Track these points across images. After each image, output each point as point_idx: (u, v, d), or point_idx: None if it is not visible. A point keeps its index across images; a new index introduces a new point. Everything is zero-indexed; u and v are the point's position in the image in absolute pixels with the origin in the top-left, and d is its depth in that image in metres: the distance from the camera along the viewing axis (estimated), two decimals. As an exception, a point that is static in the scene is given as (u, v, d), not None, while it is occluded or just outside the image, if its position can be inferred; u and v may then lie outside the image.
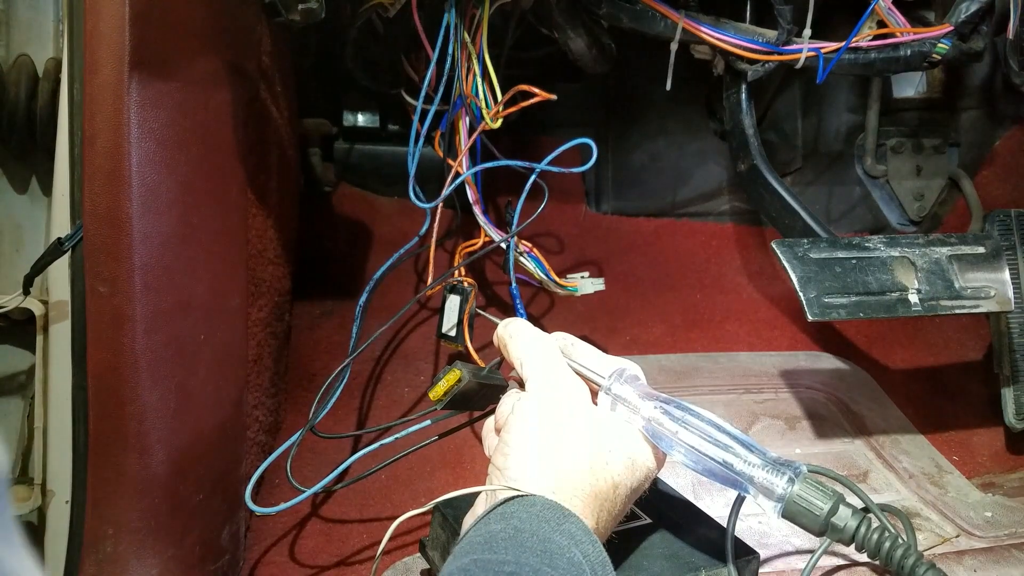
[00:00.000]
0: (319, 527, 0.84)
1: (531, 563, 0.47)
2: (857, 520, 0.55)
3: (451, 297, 0.92)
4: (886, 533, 0.54)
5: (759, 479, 0.56)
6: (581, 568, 0.49)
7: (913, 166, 1.27)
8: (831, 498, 0.55)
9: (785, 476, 0.55)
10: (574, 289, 0.94)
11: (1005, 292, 0.92)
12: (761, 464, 0.56)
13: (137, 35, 0.64)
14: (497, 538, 0.49)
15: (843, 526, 0.54)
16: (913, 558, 0.54)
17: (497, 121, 0.88)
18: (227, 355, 0.78)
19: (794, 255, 0.88)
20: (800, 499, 0.54)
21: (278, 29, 0.92)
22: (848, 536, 0.54)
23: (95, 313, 0.65)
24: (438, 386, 0.63)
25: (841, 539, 0.54)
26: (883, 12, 0.94)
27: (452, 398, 0.63)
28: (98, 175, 0.64)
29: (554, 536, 0.50)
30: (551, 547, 0.49)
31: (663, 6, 0.93)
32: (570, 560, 0.49)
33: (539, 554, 0.48)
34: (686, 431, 0.58)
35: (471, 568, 0.47)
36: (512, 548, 0.48)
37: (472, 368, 0.64)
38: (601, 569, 0.51)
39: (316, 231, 1.19)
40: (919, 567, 0.54)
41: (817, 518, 0.54)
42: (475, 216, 0.94)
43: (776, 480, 0.55)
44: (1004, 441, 1.06)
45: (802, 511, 0.54)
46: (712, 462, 0.57)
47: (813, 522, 0.54)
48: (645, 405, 0.60)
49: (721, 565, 0.65)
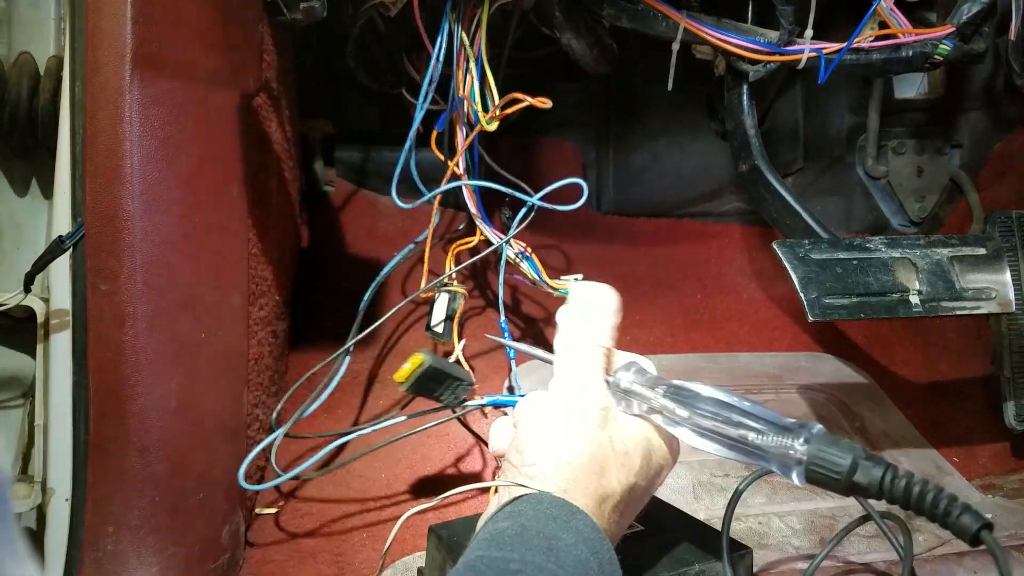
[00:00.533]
0: (319, 525, 0.84)
1: (536, 561, 0.47)
2: (881, 470, 0.50)
3: (441, 294, 0.93)
4: (915, 478, 0.50)
5: (774, 448, 0.53)
6: (588, 565, 0.49)
7: (914, 167, 1.27)
8: (851, 452, 0.51)
9: (800, 439, 0.52)
10: (565, 291, 0.94)
11: (1006, 293, 0.92)
12: (774, 432, 0.53)
13: (139, 33, 0.64)
14: (504, 536, 0.49)
15: (867, 482, 0.50)
16: (946, 501, 0.49)
17: (492, 124, 0.88)
18: (228, 354, 0.78)
19: (795, 256, 0.88)
20: (818, 460, 0.51)
21: (279, 28, 0.92)
22: (875, 489, 0.50)
23: (96, 311, 0.65)
24: (403, 369, 0.66)
25: (868, 494, 0.51)
26: (885, 13, 0.94)
27: (416, 381, 0.66)
28: (99, 173, 0.64)
29: (561, 534, 0.49)
30: (557, 544, 0.48)
31: (665, 6, 0.93)
32: (576, 558, 0.48)
33: (545, 551, 0.48)
34: (696, 414, 0.56)
35: (477, 565, 0.47)
36: (518, 546, 0.48)
37: (437, 357, 0.66)
38: (609, 566, 0.50)
39: (317, 230, 1.19)
40: (953, 509, 0.49)
41: (839, 477, 0.51)
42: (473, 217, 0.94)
43: (792, 445, 0.52)
44: (1004, 443, 1.06)
45: (823, 473, 0.51)
46: (727, 440, 0.55)
47: (836, 482, 0.51)
48: (653, 394, 0.59)
49: (714, 560, 0.65)
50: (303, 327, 1.06)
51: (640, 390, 0.59)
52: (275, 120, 0.94)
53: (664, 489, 0.92)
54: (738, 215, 1.36)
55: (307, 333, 1.06)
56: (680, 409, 0.57)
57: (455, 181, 0.92)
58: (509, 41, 0.99)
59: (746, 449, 0.54)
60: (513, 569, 0.46)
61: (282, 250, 0.99)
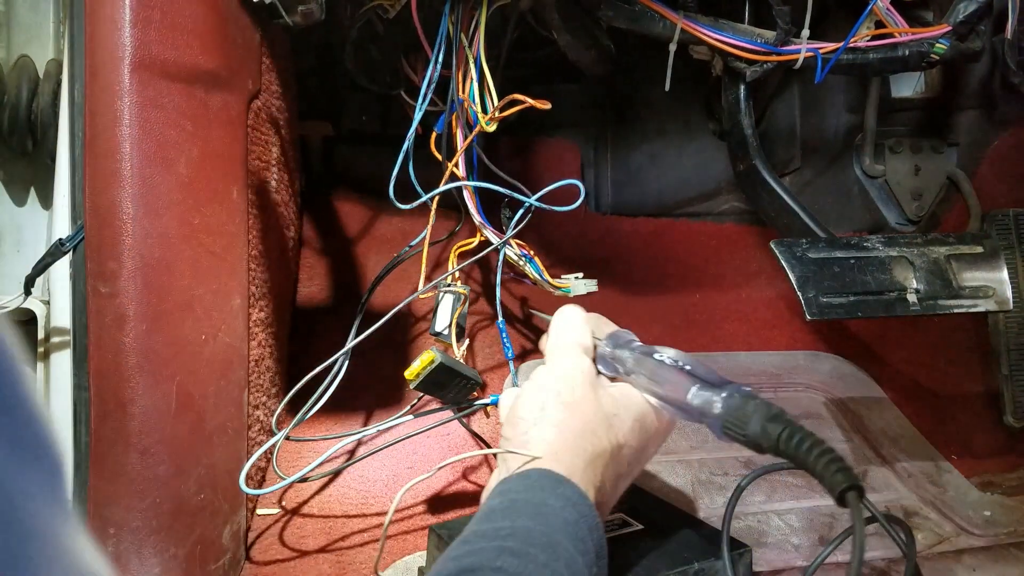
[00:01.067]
0: (320, 526, 0.84)
1: (525, 525, 0.49)
2: (779, 428, 0.52)
3: (445, 297, 0.93)
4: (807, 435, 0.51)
5: (702, 403, 0.56)
6: (577, 526, 0.51)
7: (911, 166, 1.27)
8: (758, 411, 0.53)
9: (722, 395, 0.55)
10: (567, 290, 0.94)
11: (1003, 291, 0.92)
12: (699, 390, 0.57)
13: (137, 37, 0.64)
14: (495, 511, 0.52)
15: (767, 442, 0.52)
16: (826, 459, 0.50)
17: (492, 125, 0.88)
18: (228, 355, 0.79)
19: (793, 255, 0.89)
20: (731, 418, 0.54)
21: (278, 30, 0.92)
22: (772, 446, 0.52)
23: (96, 313, 0.65)
24: (413, 367, 0.67)
25: (769, 451, 0.52)
26: (881, 12, 0.95)
27: (425, 379, 0.67)
28: (99, 176, 0.65)
29: (549, 500, 0.52)
30: (545, 510, 0.51)
31: (661, 7, 0.94)
32: (564, 519, 0.51)
33: (533, 516, 0.50)
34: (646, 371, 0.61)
35: (469, 538, 0.49)
36: (508, 516, 0.50)
37: (448, 356, 0.68)
38: (596, 531, 0.53)
39: (317, 232, 1.20)
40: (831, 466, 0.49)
41: (745, 434, 0.53)
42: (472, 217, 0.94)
43: (714, 401, 0.55)
44: (1003, 440, 1.07)
45: (734, 431, 0.54)
46: (667, 397, 0.59)
47: (744, 439, 0.53)
48: (623, 353, 0.63)
49: (714, 558, 0.65)
50: (303, 329, 1.07)
51: (616, 353, 0.64)
52: (274, 122, 0.94)
53: (663, 488, 0.93)
54: (736, 215, 1.36)
55: (308, 335, 1.06)
56: (632, 363, 0.62)
57: (453, 182, 0.92)
58: (507, 42, 0.99)
59: (681, 405, 0.58)
60: (503, 535, 0.48)
61: (282, 252, 0.99)
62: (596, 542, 0.52)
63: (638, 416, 0.61)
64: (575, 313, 0.68)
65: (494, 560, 0.46)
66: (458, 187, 0.92)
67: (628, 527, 0.70)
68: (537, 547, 0.47)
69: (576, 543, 0.50)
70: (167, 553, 0.68)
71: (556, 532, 0.49)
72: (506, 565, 0.45)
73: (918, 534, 0.89)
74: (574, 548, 0.49)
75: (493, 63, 0.91)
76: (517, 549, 0.47)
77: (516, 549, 0.47)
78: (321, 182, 1.26)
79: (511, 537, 0.48)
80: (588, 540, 0.51)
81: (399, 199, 0.89)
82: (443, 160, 0.95)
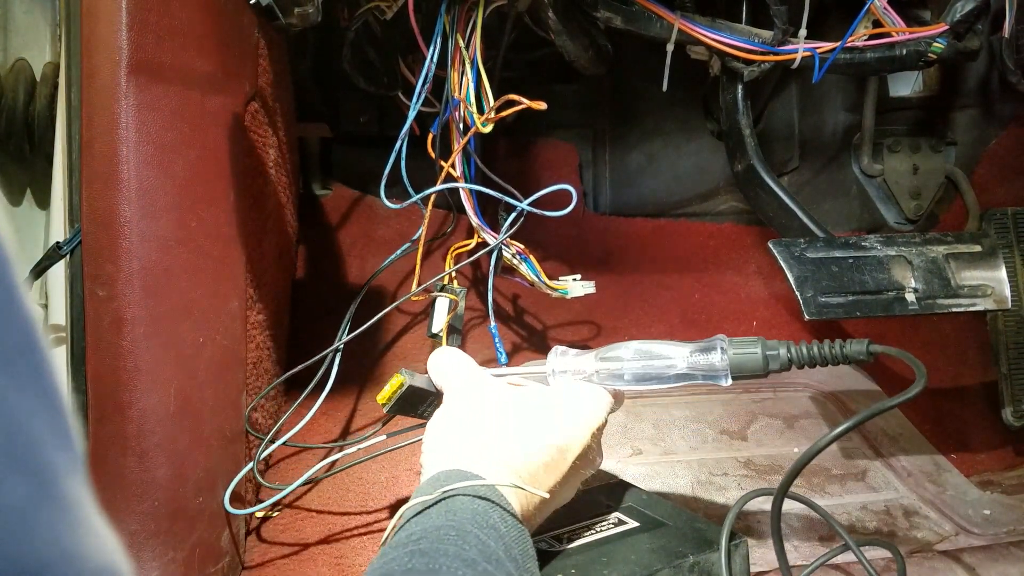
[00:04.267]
0: (319, 528, 0.84)
1: (434, 523, 0.50)
2: (786, 347, 0.65)
3: (440, 299, 0.93)
4: (810, 344, 0.65)
5: (700, 365, 0.65)
6: (487, 515, 0.51)
7: (910, 165, 1.28)
8: (757, 342, 0.65)
9: (717, 350, 0.65)
10: (564, 292, 0.94)
11: (1002, 290, 0.92)
12: (692, 353, 0.65)
13: (134, 39, 0.64)
14: (409, 520, 0.52)
15: (778, 356, 0.64)
16: (836, 346, 0.64)
17: (488, 126, 0.88)
18: (226, 358, 0.78)
19: (791, 255, 0.89)
20: (737, 358, 0.64)
21: (275, 32, 0.92)
22: (786, 362, 0.64)
23: (94, 317, 0.65)
24: (383, 391, 0.69)
25: (783, 367, 0.64)
26: (879, 12, 0.95)
27: (396, 402, 0.69)
28: (96, 179, 0.64)
29: (457, 496, 0.53)
30: (454, 505, 0.52)
31: (659, 7, 0.94)
32: (473, 510, 0.51)
33: (443, 515, 0.51)
34: (629, 362, 0.67)
35: (386, 551, 0.49)
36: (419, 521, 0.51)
37: (417, 376, 0.69)
38: (510, 518, 0.53)
39: (314, 234, 1.20)
40: (842, 347, 0.64)
41: (757, 363, 0.64)
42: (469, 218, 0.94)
43: (712, 358, 0.65)
44: (1002, 439, 1.07)
45: (744, 366, 0.64)
46: (659, 372, 0.66)
47: (756, 368, 0.64)
48: (588, 363, 0.68)
49: (710, 551, 0.65)
50: (301, 331, 1.07)
51: (573, 365, 0.68)
52: (271, 124, 0.94)
53: (663, 488, 0.93)
54: (734, 214, 1.36)
55: (305, 337, 1.06)
56: (612, 364, 0.67)
57: (447, 183, 0.92)
58: (504, 43, 0.99)
59: (677, 375, 0.66)
60: (415, 539, 0.48)
61: (279, 254, 0.99)
62: (511, 528, 0.52)
63: (572, 417, 0.63)
64: (448, 355, 0.70)
65: (406, 563, 0.46)
66: (452, 188, 0.92)
67: (623, 525, 0.70)
68: (447, 541, 0.47)
69: (487, 531, 0.50)
70: (166, 557, 0.67)
71: (465, 523, 0.49)
72: (416, 565, 0.45)
73: (917, 533, 0.89)
74: (485, 535, 0.49)
75: (490, 64, 0.91)
76: (427, 548, 0.47)
77: (426, 548, 0.47)
78: (319, 184, 1.26)
79: (423, 539, 0.48)
80: (501, 527, 0.51)
81: (398, 200, 0.89)
82: (436, 160, 0.95)
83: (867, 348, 0.65)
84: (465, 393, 0.65)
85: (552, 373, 0.68)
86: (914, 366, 0.62)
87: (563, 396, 0.65)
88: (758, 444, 1.01)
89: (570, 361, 0.68)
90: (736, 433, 1.02)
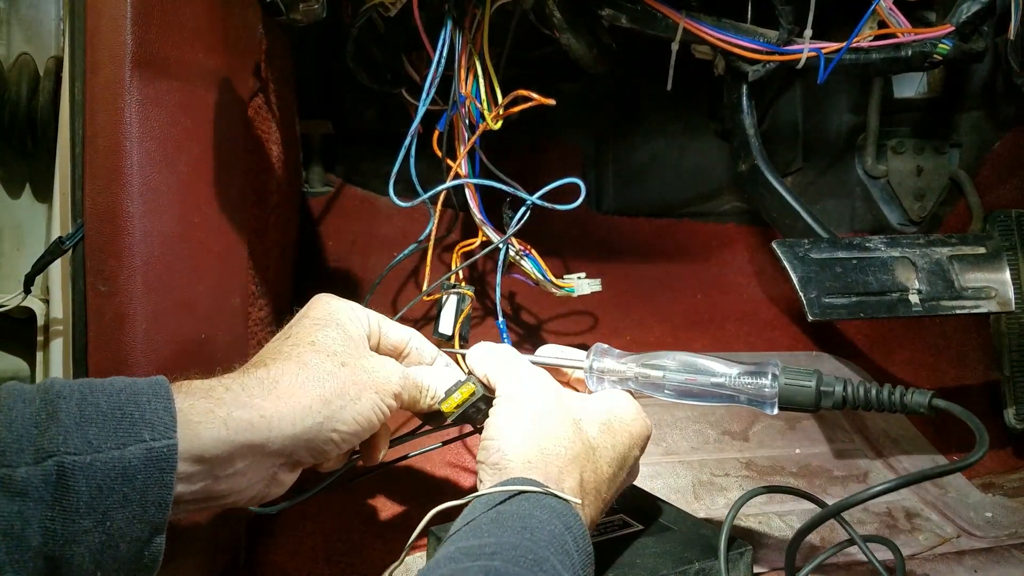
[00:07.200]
0: (320, 526, 0.84)
1: (510, 540, 0.49)
2: (841, 384, 0.61)
3: (449, 298, 0.93)
4: (865, 384, 0.61)
5: (749, 388, 0.63)
6: (563, 538, 0.51)
7: (914, 166, 1.27)
8: (813, 375, 0.61)
9: (768, 376, 0.62)
10: (571, 290, 0.94)
11: (1006, 293, 0.92)
12: (743, 375, 0.63)
13: (138, 34, 0.64)
14: (480, 524, 0.52)
15: (833, 394, 0.61)
16: (897, 393, 0.60)
17: (498, 123, 0.88)
18: (228, 355, 0.78)
19: (795, 255, 0.88)
20: (789, 390, 0.61)
21: (279, 28, 0.92)
22: (840, 401, 0.61)
23: (96, 312, 0.65)
24: (452, 399, 0.65)
25: (835, 406, 0.61)
26: (884, 12, 0.94)
27: (466, 410, 0.66)
28: (99, 174, 0.64)
29: (534, 511, 0.52)
30: (531, 522, 0.51)
31: (664, 6, 0.93)
32: (551, 532, 0.51)
33: (519, 531, 0.50)
34: (672, 373, 0.64)
35: (455, 555, 0.49)
36: (494, 530, 0.50)
37: (480, 383, 0.66)
38: (582, 540, 0.53)
39: (317, 231, 1.19)
40: (904, 395, 0.60)
41: (809, 398, 0.61)
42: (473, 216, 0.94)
43: (762, 383, 0.62)
44: (1004, 442, 1.06)
45: (794, 397, 0.61)
46: (704, 389, 0.64)
47: (807, 401, 0.61)
48: (628, 367, 0.66)
49: (715, 558, 0.65)
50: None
51: (614, 367, 0.66)
52: (274, 120, 0.94)
53: (664, 489, 0.93)
54: (738, 215, 1.36)
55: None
56: (654, 372, 0.65)
57: (454, 181, 0.92)
58: (509, 41, 0.98)
59: (721, 394, 0.63)
60: (488, 552, 0.48)
61: (282, 251, 0.99)
62: (582, 552, 0.52)
63: (603, 420, 0.63)
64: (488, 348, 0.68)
65: None
66: (459, 185, 0.92)
67: (628, 527, 0.70)
68: (522, 565, 0.47)
69: (562, 557, 0.50)
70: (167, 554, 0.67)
71: (541, 547, 0.49)
72: None
73: (919, 535, 0.89)
74: (560, 564, 0.49)
75: (495, 61, 0.91)
76: (502, 569, 0.46)
77: (500, 569, 0.46)
78: (321, 181, 1.25)
79: (496, 555, 0.47)
80: (574, 552, 0.51)
81: (402, 198, 0.89)
82: (443, 158, 0.94)
83: (929, 402, 0.60)
84: (527, 397, 0.62)
85: (590, 371, 0.67)
86: (977, 431, 0.58)
87: (623, 410, 0.65)
88: (760, 445, 1.01)
89: (610, 363, 0.67)
90: (738, 434, 1.02)
